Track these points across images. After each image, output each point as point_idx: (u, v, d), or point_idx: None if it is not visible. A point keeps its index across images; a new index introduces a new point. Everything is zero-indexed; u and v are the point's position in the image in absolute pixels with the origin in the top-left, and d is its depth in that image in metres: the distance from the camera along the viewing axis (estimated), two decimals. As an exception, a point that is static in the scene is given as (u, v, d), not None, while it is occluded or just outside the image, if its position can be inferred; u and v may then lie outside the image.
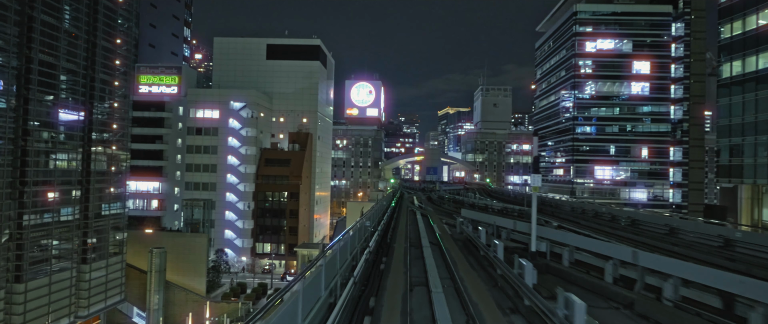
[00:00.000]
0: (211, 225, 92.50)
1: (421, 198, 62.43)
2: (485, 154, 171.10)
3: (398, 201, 54.10)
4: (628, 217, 29.36)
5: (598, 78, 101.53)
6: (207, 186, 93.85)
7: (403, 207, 47.65)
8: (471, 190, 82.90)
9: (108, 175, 57.97)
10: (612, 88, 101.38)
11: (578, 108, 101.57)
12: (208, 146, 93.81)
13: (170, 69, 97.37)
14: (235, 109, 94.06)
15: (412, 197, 61.51)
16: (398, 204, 50.13)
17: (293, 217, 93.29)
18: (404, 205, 51.60)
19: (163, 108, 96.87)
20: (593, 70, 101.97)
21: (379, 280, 14.35)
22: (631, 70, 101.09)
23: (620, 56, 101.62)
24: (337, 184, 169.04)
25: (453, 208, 44.21)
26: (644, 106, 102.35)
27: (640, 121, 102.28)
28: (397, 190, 70.75)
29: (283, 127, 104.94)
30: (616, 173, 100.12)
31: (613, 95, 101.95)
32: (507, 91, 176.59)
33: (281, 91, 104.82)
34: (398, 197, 59.63)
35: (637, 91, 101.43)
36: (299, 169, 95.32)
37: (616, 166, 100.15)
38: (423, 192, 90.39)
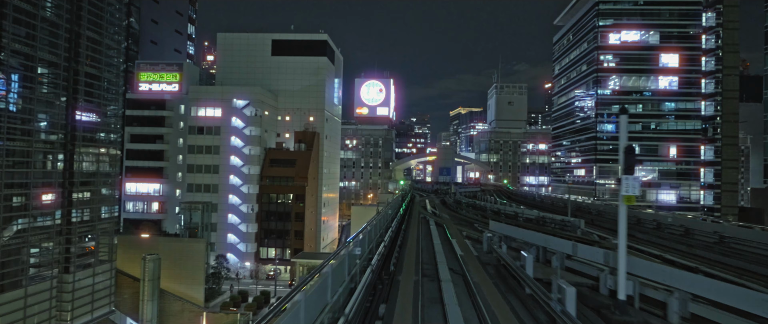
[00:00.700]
0: (213, 229, 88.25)
1: (434, 202, 57.24)
2: (499, 154, 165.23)
3: (408, 206, 48.92)
4: (713, 231, 23.04)
5: (622, 72, 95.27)
6: (209, 188, 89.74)
7: (414, 214, 42.64)
8: (487, 192, 77.55)
9: (96, 177, 53.59)
10: (637, 82, 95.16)
11: (601, 104, 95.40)
12: (210, 146, 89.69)
13: (171, 66, 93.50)
14: (238, 108, 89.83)
15: (424, 201, 56.25)
16: (408, 210, 44.98)
17: (299, 221, 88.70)
18: (415, 210, 46.37)
19: (163, 106, 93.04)
20: (617, 63, 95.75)
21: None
22: (659, 63, 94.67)
23: (646, 48, 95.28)
24: (347, 185, 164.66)
25: (474, 216, 39.02)
26: (672, 102, 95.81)
27: (668, 117, 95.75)
28: (408, 192, 65.52)
29: (288, 126, 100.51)
30: (642, 174, 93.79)
31: (638, 90, 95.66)
32: (522, 88, 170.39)
33: (287, 88, 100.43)
34: (408, 201, 54.38)
35: (664, 85, 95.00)
36: (305, 169, 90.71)
37: (642, 166, 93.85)
38: (436, 194, 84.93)
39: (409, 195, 59.40)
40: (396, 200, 43.27)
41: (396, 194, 58.93)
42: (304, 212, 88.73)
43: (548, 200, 54.92)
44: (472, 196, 60.17)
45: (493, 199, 56.44)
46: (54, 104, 47.30)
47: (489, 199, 55.33)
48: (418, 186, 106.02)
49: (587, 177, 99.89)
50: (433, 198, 66.06)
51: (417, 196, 75.96)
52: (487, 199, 56.22)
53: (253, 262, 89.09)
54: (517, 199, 63.74)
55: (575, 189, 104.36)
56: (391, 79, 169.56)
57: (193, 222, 72.35)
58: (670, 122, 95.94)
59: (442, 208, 50.31)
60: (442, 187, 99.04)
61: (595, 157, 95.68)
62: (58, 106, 47.54)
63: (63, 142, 48.08)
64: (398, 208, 40.90)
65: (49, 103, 46.98)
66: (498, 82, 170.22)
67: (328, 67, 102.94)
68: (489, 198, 58.41)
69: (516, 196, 73.30)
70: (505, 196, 72.49)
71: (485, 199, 57.39)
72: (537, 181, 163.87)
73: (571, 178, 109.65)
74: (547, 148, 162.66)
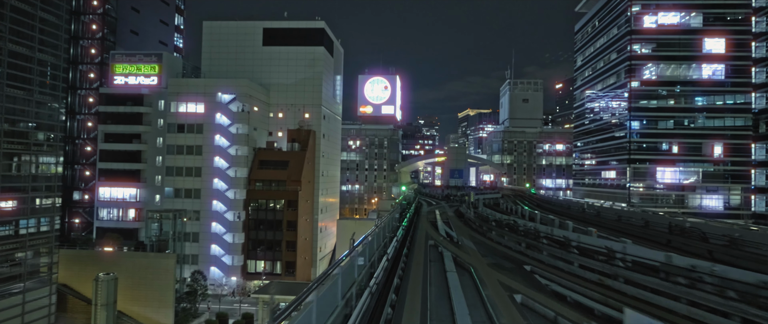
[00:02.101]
0: (195, 239, 78.33)
1: (446, 214, 44.80)
2: (513, 155, 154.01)
3: (412, 222, 37.16)
4: None
5: (659, 60, 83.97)
6: (190, 193, 79.81)
7: (418, 237, 31.24)
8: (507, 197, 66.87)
9: (38, 181, 43.66)
10: (677, 71, 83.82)
11: (634, 97, 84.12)
12: (191, 146, 79.83)
13: (149, 56, 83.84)
14: (223, 103, 79.91)
15: (433, 212, 44.61)
16: (411, 228, 33.93)
17: (291, 230, 78.41)
18: (421, 229, 35.67)
19: (141, 102, 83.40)
20: (653, 50, 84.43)
21: None
22: (701, 49, 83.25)
23: (687, 33, 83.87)
24: (350, 188, 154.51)
25: (518, 247, 25.82)
26: (717, 94, 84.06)
27: (713, 111, 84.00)
28: (413, 200, 53.03)
29: (282, 124, 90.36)
30: (682, 176, 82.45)
31: (678, 81, 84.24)
32: (537, 84, 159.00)
33: (280, 81, 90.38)
34: (413, 213, 43.00)
35: (708, 75, 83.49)
36: (299, 172, 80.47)
37: (682, 167, 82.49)
38: (448, 202, 73.85)
39: (413, 204, 46.82)
40: (392, 215, 31.76)
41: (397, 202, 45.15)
42: (297, 220, 78.40)
43: (591, 210, 44.23)
44: (493, 205, 49.29)
45: (520, 209, 45.04)
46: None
47: (518, 210, 44.36)
48: (426, 190, 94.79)
49: (618, 180, 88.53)
50: (445, 208, 54.85)
51: (424, 204, 64.78)
52: (514, 210, 45.05)
53: (240, 276, 78.92)
54: (552, 209, 52.51)
55: (606, 194, 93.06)
56: (397, 75, 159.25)
57: (164, 233, 62.29)
58: (715, 117, 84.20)
59: (460, 227, 38.51)
60: (453, 192, 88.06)
61: (629, 157, 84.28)
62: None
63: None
64: (398, 226, 29.82)
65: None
66: (511, 78, 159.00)
67: (326, 58, 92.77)
68: (517, 208, 47.32)
69: (548, 204, 62.00)
70: (535, 204, 61.47)
71: (513, 209, 46.33)
72: (554, 184, 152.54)
73: (600, 181, 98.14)
74: (565, 148, 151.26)
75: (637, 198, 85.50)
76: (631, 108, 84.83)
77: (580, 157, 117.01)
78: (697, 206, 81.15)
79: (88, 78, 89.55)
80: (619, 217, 39.57)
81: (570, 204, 55.88)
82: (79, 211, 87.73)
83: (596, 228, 29.13)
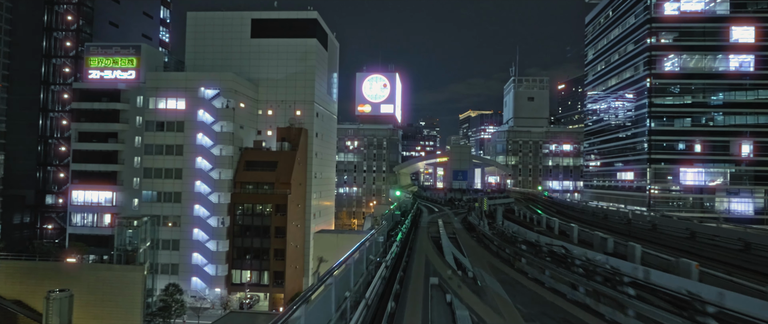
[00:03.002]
0: (175, 247, 71.75)
1: (453, 227, 37.14)
2: (518, 156, 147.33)
3: (408, 240, 30.02)
4: None
5: (681, 51, 77.23)
6: (170, 196, 73.20)
7: (414, 274, 21.77)
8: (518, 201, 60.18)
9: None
10: (701, 63, 77.08)
11: (655, 91, 77.29)
12: (171, 146, 73.22)
13: (127, 49, 77.38)
14: (206, 98, 73.38)
15: (436, 224, 36.88)
16: (406, 251, 25.78)
17: (280, 237, 71.75)
18: (419, 256, 26.86)
19: (118, 97, 77.06)
20: (675, 39, 77.67)
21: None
22: (728, 38, 76.50)
23: (712, 20, 77.12)
24: (348, 191, 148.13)
25: (572, 288, 17.99)
26: (747, 89, 76.94)
27: (741, 106, 76.90)
28: (410, 207, 45.14)
29: (271, 122, 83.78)
30: (707, 177, 75.64)
31: (702, 73, 77.39)
32: (543, 82, 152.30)
33: (270, 76, 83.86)
34: (409, 227, 34.62)
35: (735, 66, 76.71)
36: (288, 173, 73.85)
37: (707, 167, 75.65)
38: (451, 206, 66.93)
39: (411, 213, 38.11)
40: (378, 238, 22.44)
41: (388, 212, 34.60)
42: (286, 226, 71.74)
43: (641, 221, 37.31)
44: (506, 212, 42.24)
45: (545, 219, 37.31)
46: None
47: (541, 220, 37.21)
48: (427, 194, 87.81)
49: (636, 182, 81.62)
50: (450, 217, 47.52)
51: (424, 211, 57.93)
52: (536, 220, 37.80)
53: (224, 287, 72.24)
54: (581, 218, 45.25)
55: (617, 196, 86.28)
56: (397, 73, 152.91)
57: (133, 243, 55.67)
58: (743, 112, 77.13)
59: (472, 247, 30.14)
60: (458, 195, 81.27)
61: (649, 157, 77.43)
62: None
63: None
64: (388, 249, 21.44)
65: None
66: (515, 75, 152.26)
67: (319, 51, 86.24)
68: (535, 216, 40.21)
69: (571, 211, 54.88)
70: (554, 210, 54.67)
71: (535, 219, 39.18)
72: (561, 186, 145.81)
73: (616, 183, 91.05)
74: (573, 149, 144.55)
75: (665, 202, 77.97)
76: (650, 103, 77.94)
77: (590, 158, 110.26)
78: (724, 211, 74.39)
79: (62, 72, 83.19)
80: (629, 221, 33.30)
81: (606, 212, 47.31)
82: (52, 216, 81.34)
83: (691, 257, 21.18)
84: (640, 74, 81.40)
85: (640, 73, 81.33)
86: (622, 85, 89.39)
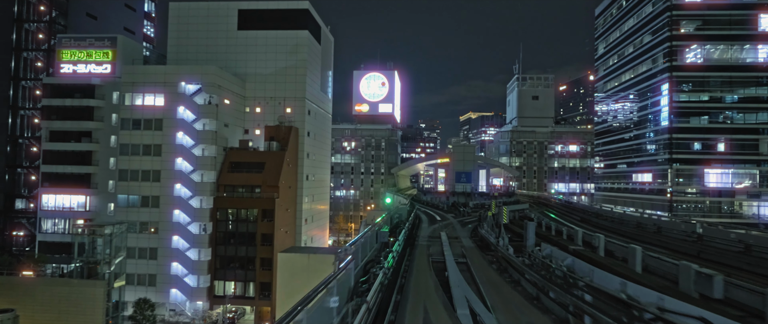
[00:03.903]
0: (152, 256, 65.79)
1: (461, 244, 29.46)
2: (523, 157, 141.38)
3: (395, 282, 19.73)
4: None
5: (704, 40, 71.17)
6: (147, 201, 67.22)
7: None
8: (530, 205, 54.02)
9: None
10: (726, 54, 71.06)
11: (677, 83, 71.15)
12: (148, 145, 67.26)
13: (102, 41, 71.65)
14: (187, 94, 67.46)
15: (437, 240, 29.26)
16: (394, 298, 17.43)
17: (267, 244, 65.71)
18: (415, 304, 17.89)
19: (92, 93, 71.26)
20: (697, 28, 71.64)
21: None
22: (757, 26, 70.49)
23: (739, 7, 71.05)
24: (345, 194, 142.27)
25: None
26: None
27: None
28: (405, 219, 36.52)
29: (260, 120, 77.85)
30: (734, 179, 69.53)
31: (728, 65, 71.34)
32: (548, 80, 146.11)
33: (258, 71, 77.96)
34: (401, 249, 25.16)
35: (764, 57, 70.64)
36: (276, 175, 67.89)
37: (734, 167, 69.49)
38: (455, 213, 60.72)
39: (404, 228, 29.43)
40: (349, 277, 16.28)
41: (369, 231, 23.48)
42: (273, 233, 65.72)
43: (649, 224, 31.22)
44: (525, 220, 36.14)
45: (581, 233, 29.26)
46: None
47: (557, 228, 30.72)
48: (427, 198, 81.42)
49: (655, 184, 75.40)
50: (455, 228, 40.65)
51: (424, 218, 51.19)
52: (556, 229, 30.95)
53: (206, 300, 66.26)
54: (603, 225, 38.75)
55: (634, 199, 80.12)
56: (395, 71, 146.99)
57: (97, 254, 49.60)
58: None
59: (498, 285, 21.36)
60: (461, 199, 74.99)
61: (670, 157, 71.26)
62: None
63: None
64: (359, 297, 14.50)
65: None
66: (519, 73, 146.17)
67: (311, 44, 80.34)
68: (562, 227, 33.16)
69: (593, 218, 48.32)
70: (579, 217, 48.44)
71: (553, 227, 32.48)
72: (567, 189, 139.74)
73: (632, 186, 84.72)
74: (579, 149, 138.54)
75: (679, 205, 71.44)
76: (672, 98, 71.78)
77: (601, 158, 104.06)
78: (754, 215, 68.29)
79: (34, 67, 77.30)
80: (708, 238, 25.84)
81: (638, 220, 40.11)
82: (23, 221, 75.32)
83: None
84: (659, 67, 75.30)
85: (659, 65, 75.24)
86: (638, 79, 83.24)
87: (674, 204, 70.15)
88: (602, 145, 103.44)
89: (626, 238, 29.65)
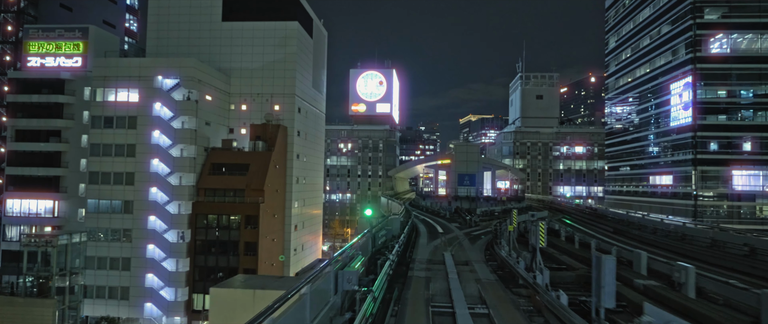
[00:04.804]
0: (125, 267, 59.87)
1: (478, 280, 20.77)
2: (526, 159, 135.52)
3: None
4: None
5: (731, 29, 65.20)
6: (120, 206, 61.25)
7: None
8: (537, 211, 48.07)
9: None
10: (756, 44, 65.11)
11: (702, 77, 65.18)
12: (121, 145, 61.37)
13: (72, 31, 65.89)
14: (163, 89, 61.61)
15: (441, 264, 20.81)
16: None
17: (250, 254, 59.76)
18: None
19: (61, 89, 65.44)
20: (723, 16, 65.80)
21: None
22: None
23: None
24: (341, 197, 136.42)
25: None
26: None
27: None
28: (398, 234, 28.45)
29: (246, 118, 71.99)
30: (766, 182, 63.46)
31: (759, 56, 65.32)
32: (553, 78, 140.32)
33: (244, 65, 72.15)
34: (379, 301, 15.89)
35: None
36: (261, 178, 61.98)
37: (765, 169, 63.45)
38: (462, 224, 54.30)
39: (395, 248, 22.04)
40: None
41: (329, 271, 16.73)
42: (257, 241, 59.74)
43: (702, 236, 25.28)
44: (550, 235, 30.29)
45: (644, 258, 21.89)
46: None
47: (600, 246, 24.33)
48: (427, 203, 75.03)
49: (677, 187, 69.36)
50: (464, 246, 32.67)
51: (423, 232, 43.33)
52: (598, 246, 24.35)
53: (184, 315, 60.26)
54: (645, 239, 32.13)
55: (652, 204, 74.15)
56: (394, 70, 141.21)
57: (49, 267, 43.55)
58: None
59: None
60: (464, 205, 68.78)
61: (695, 157, 65.32)
62: None
63: None
64: None
65: None
66: (522, 71, 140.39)
67: (301, 36, 74.59)
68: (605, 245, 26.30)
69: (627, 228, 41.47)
70: (612, 229, 42.12)
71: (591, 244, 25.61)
72: (573, 192, 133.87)
73: (645, 188, 78.68)
74: (586, 151, 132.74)
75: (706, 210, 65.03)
76: (695, 93, 65.70)
77: (613, 160, 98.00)
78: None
79: (2, 61, 71.52)
80: None
81: (683, 232, 33.81)
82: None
83: None
84: (680, 59, 69.30)
85: (680, 57, 69.24)
86: (655, 73, 77.21)
87: (699, 209, 64.19)
88: (613, 146, 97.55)
89: (690, 259, 23.49)
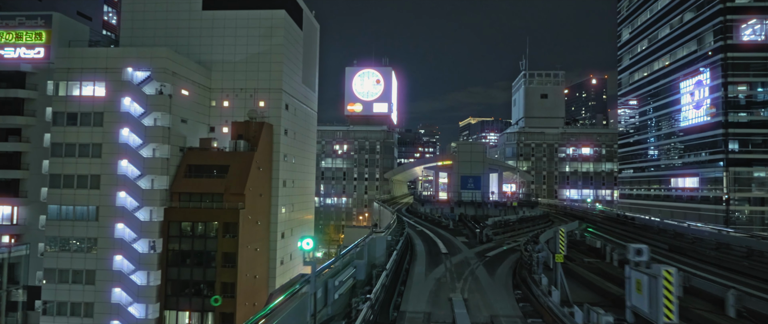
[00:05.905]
0: (89, 280, 53.60)
1: None
2: (531, 160, 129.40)
3: None
4: None
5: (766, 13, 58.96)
6: (83, 212, 54.99)
7: None
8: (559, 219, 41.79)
9: None
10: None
11: (731, 68, 59.01)
12: (86, 144, 55.13)
13: (34, 19, 59.74)
14: (133, 83, 55.37)
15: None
16: None
17: (229, 266, 53.43)
18: None
19: (22, 83, 59.25)
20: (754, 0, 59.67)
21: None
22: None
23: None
24: (336, 202, 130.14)
25: None
26: None
27: None
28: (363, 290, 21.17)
29: (228, 115, 65.80)
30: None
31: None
32: (558, 77, 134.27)
33: (226, 58, 66.04)
34: None
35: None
36: (242, 181, 55.71)
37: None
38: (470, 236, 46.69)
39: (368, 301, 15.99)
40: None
41: None
42: (237, 251, 53.40)
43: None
44: (594, 258, 24.09)
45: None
46: None
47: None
48: (425, 209, 68.33)
49: (704, 190, 63.00)
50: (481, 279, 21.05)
51: (420, 252, 31.11)
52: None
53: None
54: (719, 262, 25.41)
55: (674, 209, 67.81)
56: (391, 68, 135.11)
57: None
58: None
59: None
60: (469, 211, 62.43)
61: (726, 157, 59.05)
62: None
63: None
64: None
65: None
66: (526, 69, 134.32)
67: (289, 26, 68.52)
68: None
69: (688, 244, 33.98)
70: (668, 246, 35.42)
71: None
72: (579, 196, 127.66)
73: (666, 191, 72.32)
74: (593, 152, 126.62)
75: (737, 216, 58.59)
76: (726, 86, 59.39)
77: (627, 161, 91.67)
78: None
79: (-39, 54, 65.04)
80: None
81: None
82: (-57, 237, 62.75)
83: None
84: (708, 48, 63.04)
85: (708, 46, 62.97)
86: (677, 65, 71.06)
87: (731, 215, 57.88)
88: (627, 146, 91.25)
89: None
